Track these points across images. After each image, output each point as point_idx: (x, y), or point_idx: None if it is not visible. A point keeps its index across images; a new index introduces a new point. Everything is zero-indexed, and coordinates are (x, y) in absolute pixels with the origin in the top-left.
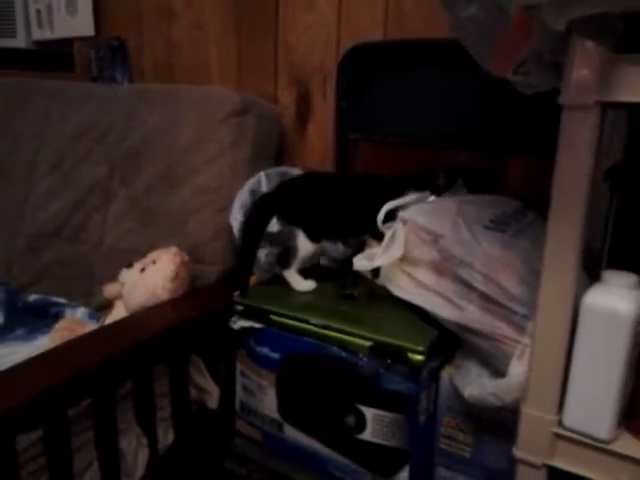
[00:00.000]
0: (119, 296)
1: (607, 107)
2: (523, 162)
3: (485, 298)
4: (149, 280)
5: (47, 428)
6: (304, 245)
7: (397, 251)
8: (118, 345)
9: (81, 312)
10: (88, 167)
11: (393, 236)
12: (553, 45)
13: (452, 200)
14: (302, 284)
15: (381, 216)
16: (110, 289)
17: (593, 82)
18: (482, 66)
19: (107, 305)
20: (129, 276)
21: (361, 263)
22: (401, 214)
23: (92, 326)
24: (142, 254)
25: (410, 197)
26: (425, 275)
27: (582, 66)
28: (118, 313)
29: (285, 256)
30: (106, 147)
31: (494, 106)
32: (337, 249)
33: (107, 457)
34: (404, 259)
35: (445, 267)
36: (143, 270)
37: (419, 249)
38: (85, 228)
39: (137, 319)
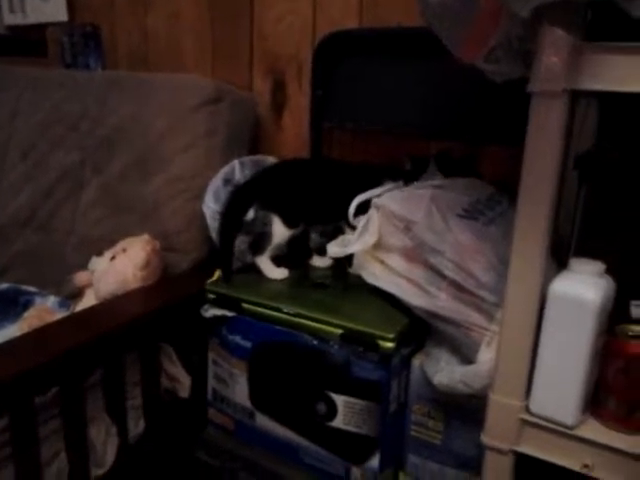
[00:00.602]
0: (89, 284)
1: (578, 95)
2: (498, 151)
3: (455, 286)
4: (119, 268)
5: (13, 417)
6: (279, 231)
7: (371, 238)
8: (86, 333)
9: (51, 301)
10: (60, 155)
11: (367, 223)
12: (522, 33)
13: (426, 187)
14: (275, 272)
15: (352, 210)
16: (80, 277)
17: (562, 70)
18: (453, 53)
19: (78, 294)
20: (99, 264)
21: (334, 250)
22: (375, 200)
23: (62, 315)
24: (114, 243)
25: (382, 188)
26: (397, 262)
27: (551, 54)
28: (88, 301)
29: (259, 242)
30: (78, 135)
31: (469, 95)
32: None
33: (75, 447)
34: (377, 246)
35: (416, 254)
36: (113, 258)
37: (392, 236)
38: (56, 216)
39: (106, 307)
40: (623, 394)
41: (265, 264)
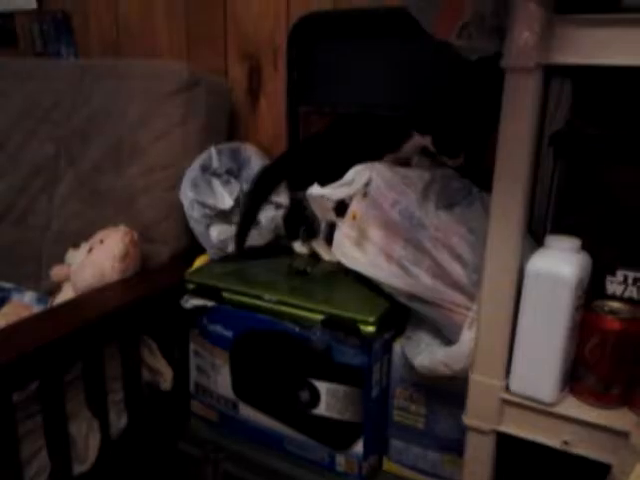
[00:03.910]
0: (67, 278)
1: (551, 74)
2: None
3: (437, 265)
4: (97, 260)
5: None
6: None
7: (354, 187)
8: (64, 326)
9: (29, 296)
10: (34, 147)
11: (357, 174)
12: (494, 7)
13: (424, 171)
14: (330, 253)
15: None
16: (58, 271)
17: (534, 44)
18: (427, 31)
19: (56, 288)
20: (76, 257)
21: (317, 191)
22: (370, 165)
23: (40, 310)
24: (91, 235)
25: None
26: (378, 235)
27: (523, 28)
28: (66, 295)
29: (312, 226)
30: (52, 126)
31: (445, 75)
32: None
33: (56, 443)
34: (359, 222)
35: (399, 229)
36: (91, 250)
37: (377, 208)
38: (32, 211)
39: (85, 300)
40: (600, 370)
41: (323, 247)
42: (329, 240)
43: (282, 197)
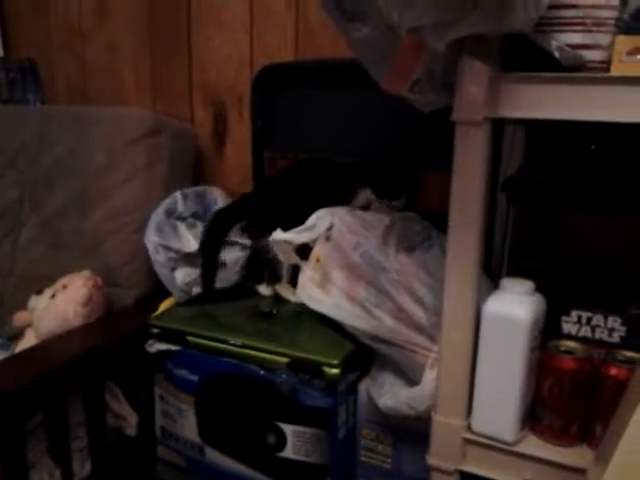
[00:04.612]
0: (30, 324)
1: (503, 122)
2: (436, 177)
3: (398, 307)
4: (60, 306)
5: None
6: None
7: (317, 231)
8: (25, 374)
9: None
10: None
11: (319, 220)
12: (444, 65)
13: (383, 217)
14: (295, 295)
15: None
16: (20, 316)
17: (481, 99)
18: (380, 85)
19: (18, 334)
20: (39, 302)
21: (280, 236)
22: (332, 210)
23: (2, 357)
24: (55, 280)
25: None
26: (340, 278)
27: (470, 84)
28: (29, 342)
29: (275, 270)
30: (16, 171)
31: (404, 123)
32: None
33: None
34: (322, 265)
35: (361, 272)
36: (54, 296)
37: (341, 252)
38: None
39: (46, 347)
40: (558, 408)
41: (287, 290)
42: (293, 282)
43: (245, 239)
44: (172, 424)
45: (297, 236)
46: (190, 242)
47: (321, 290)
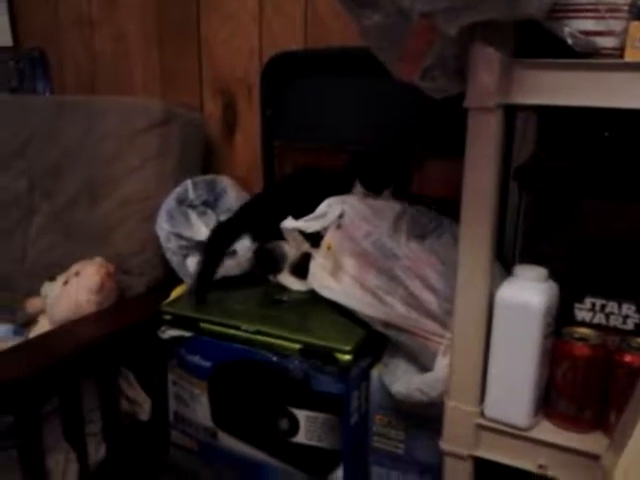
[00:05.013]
0: (43, 310)
1: (515, 109)
2: (444, 164)
3: (410, 294)
4: (73, 293)
5: None
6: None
7: (328, 219)
8: (40, 359)
9: (5, 329)
10: (7, 181)
11: (329, 208)
12: (456, 51)
13: (393, 204)
14: (297, 283)
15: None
16: (32, 303)
17: (494, 86)
18: (391, 72)
19: (32, 321)
20: (52, 289)
21: (291, 224)
22: (342, 198)
23: (17, 342)
24: (67, 268)
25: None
26: (351, 266)
27: (483, 71)
28: (42, 328)
29: (278, 263)
30: (26, 160)
31: (415, 111)
32: None
33: (33, 476)
34: (333, 253)
35: (374, 260)
36: (66, 283)
37: (352, 240)
38: (6, 244)
39: (60, 333)
40: (571, 394)
41: (288, 279)
42: (297, 272)
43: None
44: (185, 409)
45: (308, 224)
46: (201, 230)
47: (332, 278)
